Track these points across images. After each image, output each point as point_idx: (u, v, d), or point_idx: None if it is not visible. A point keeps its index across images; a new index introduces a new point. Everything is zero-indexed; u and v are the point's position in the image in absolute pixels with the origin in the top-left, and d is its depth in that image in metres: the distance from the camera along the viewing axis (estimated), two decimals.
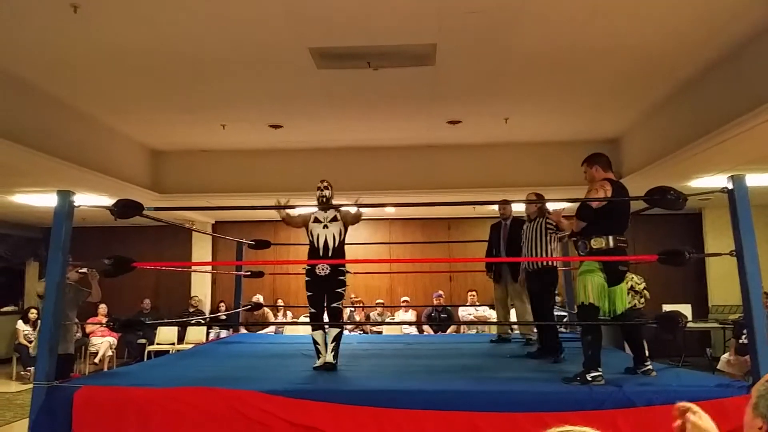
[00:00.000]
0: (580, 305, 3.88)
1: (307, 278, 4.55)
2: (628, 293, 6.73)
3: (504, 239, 5.79)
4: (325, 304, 4.55)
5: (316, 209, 4.70)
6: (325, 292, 4.51)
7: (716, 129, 5.67)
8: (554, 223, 5.06)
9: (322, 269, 4.46)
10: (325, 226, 4.57)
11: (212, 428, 3.37)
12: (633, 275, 7.82)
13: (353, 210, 4.62)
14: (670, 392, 3.38)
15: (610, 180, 3.96)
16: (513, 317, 6.46)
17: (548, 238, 5.12)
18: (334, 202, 4.75)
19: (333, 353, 4.40)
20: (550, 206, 4.94)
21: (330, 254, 4.49)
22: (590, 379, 3.63)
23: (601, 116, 7.40)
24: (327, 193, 4.69)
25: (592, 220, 3.84)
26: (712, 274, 10.45)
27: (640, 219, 8.20)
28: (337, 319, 4.54)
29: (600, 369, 3.68)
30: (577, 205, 4.01)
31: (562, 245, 6.42)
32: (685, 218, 10.51)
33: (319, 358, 4.43)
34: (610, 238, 3.80)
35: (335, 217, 4.60)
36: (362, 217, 4.72)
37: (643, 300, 7.85)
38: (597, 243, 3.81)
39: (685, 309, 8.91)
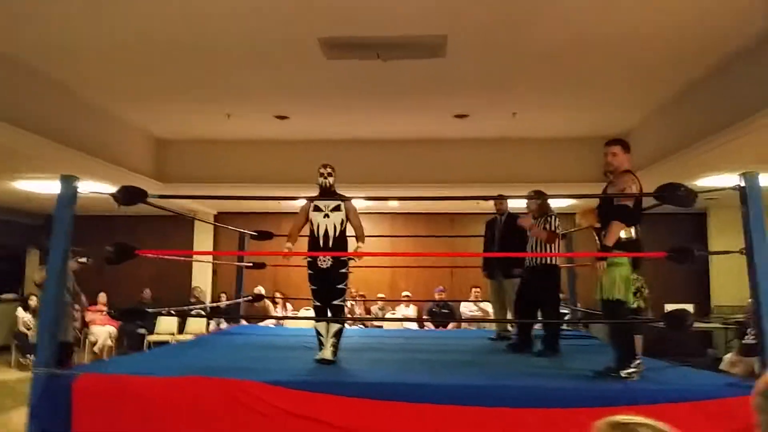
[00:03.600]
0: (607, 300, 3.77)
1: (309, 271, 4.45)
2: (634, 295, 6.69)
3: (498, 235, 5.74)
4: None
5: (315, 198, 4.51)
6: (327, 284, 4.40)
7: (727, 127, 5.61)
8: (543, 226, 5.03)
9: (323, 261, 4.34)
10: (326, 215, 4.41)
11: (213, 418, 3.34)
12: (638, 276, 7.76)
13: (357, 218, 4.48)
14: (677, 390, 3.34)
15: (631, 172, 3.92)
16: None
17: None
18: (338, 190, 4.62)
19: (332, 349, 4.32)
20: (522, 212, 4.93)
21: (330, 245, 4.35)
22: (625, 375, 3.59)
23: (609, 113, 7.35)
24: (330, 179, 4.53)
25: (633, 221, 3.78)
26: (716, 274, 10.40)
27: (644, 218, 8.15)
28: (338, 316, 4.45)
29: (633, 365, 3.63)
30: (586, 199, 3.96)
31: (566, 242, 6.40)
32: (689, 218, 10.45)
33: (321, 349, 4.37)
34: (635, 228, 3.77)
35: (338, 206, 4.44)
36: (366, 211, 4.61)
37: (642, 301, 7.80)
38: (627, 233, 3.75)
39: (688, 309, 8.84)
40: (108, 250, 4.09)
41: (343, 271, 4.42)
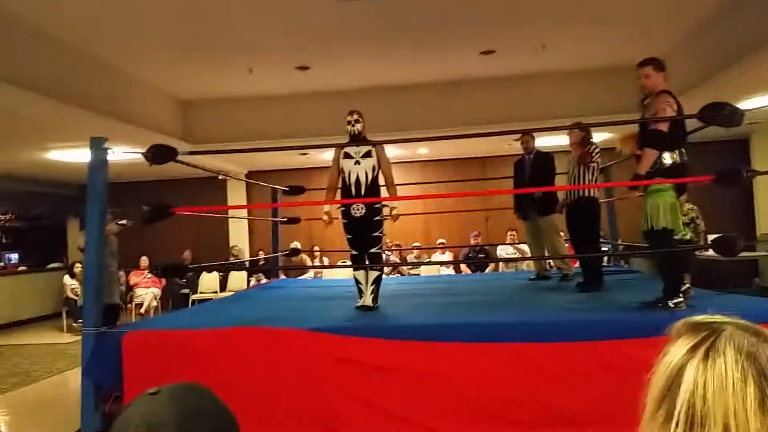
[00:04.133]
0: (650, 230, 3.63)
1: (343, 220, 4.40)
2: (687, 225, 6.48)
3: (528, 174, 5.61)
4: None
5: (345, 145, 4.43)
6: (363, 233, 4.35)
7: (766, 45, 5.29)
8: (593, 155, 4.89)
9: (357, 209, 4.26)
10: (357, 162, 4.33)
11: (260, 365, 3.39)
12: (693, 206, 7.47)
13: (387, 165, 4.41)
14: (732, 314, 3.25)
15: (669, 92, 3.72)
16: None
17: (591, 168, 4.97)
18: (368, 137, 4.53)
19: (372, 296, 4.31)
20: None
21: (363, 192, 4.28)
22: (672, 305, 3.52)
23: (641, 38, 7.00)
24: (359, 126, 4.42)
25: (673, 145, 3.60)
26: (761, 202, 10.08)
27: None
28: (376, 263, 4.41)
29: (681, 295, 3.55)
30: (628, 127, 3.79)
31: (604, 176, 6.22)
32: (731, 145, 10.06)
33: (361, 297, 4.36)
34: (679, 152, 3.61)
35: (369, 152, 4.35)
36: (396, 161, 4.53)
37: (694, 234, 7.56)
38: (671, 157, 3.59)
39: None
40: (144, 210, 4.11)
41: (378, 218, 4.36)
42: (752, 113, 6.21)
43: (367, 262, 4.40)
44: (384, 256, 10.05)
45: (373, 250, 4.38)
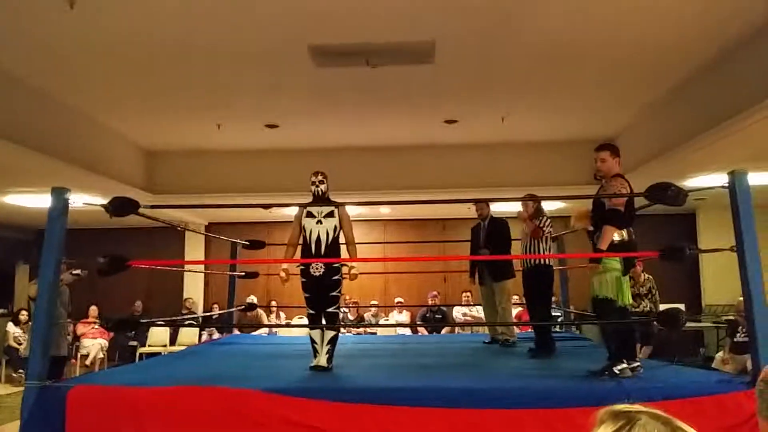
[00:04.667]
0: (596, 299, 3.86)
1: (302, 279, 4.41)
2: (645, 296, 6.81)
3: (483, 240, 5.79)
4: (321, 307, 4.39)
5: (308, 205, 4.51)
6: (321, 292, 4.37)
7: (714, 127, 5.68)
8: (542, 227, 5.13)
9: (316, 269, 4.29)
10: (319, 222, 4.39)
11: (210, 427, 3.32)
12: (650, 276, 7.82)
13: (349, 225, 4.49)
14: (670, 387, 3.37)
15: (622, 176, 3.97)
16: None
17: (544, 238, 5.18)
18: (331, 197, 4.61)
19: (327, 356, 4.29)
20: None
21: (323, 251, 4.32)
22: (618, 372, 3.63)
23: (597, 115, 7.41)
24: (323, 187, 4.51)
25: (625, 224, 3.82)
26: (706, 274, 10.48)
27: (635, 219, 8.21)
28: (332, 323, 4.40)
29: (625, 362, 3.67)
30: (580, 201, 3.99)
31: (557, 244, 6.45)
32: (679, 219, 10.53)
33: (316, 357, 4.34)
34: (625, 231, 3.81)
35: (331, 212, 4.43)
36: (358, 218, 4.63)
37: (652, 304, 7.83)
38: (620, 235, 3.80)
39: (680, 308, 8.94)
40: (101, 262, 4.06)
41: (337, 278, 4.38)
42: (698, 192, 6.60)
43: (323, 321, 4.40)
44: (341, 313, 10.08)
45: (330, 309, 4.39)
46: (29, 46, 5.16)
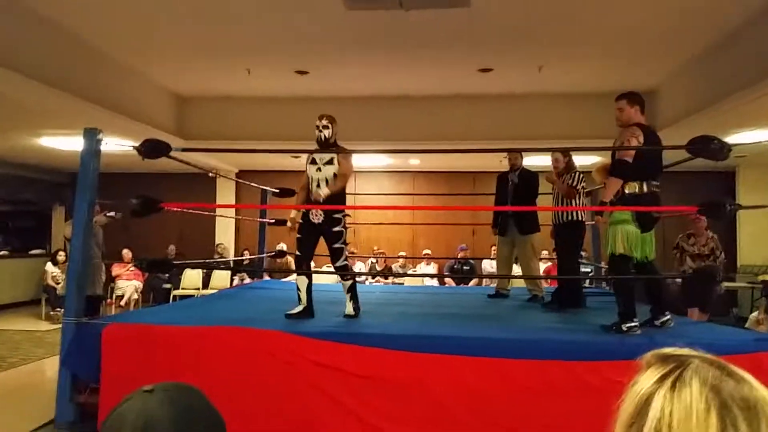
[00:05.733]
0: (610, 255, 3.82)
1: (300, 221, 4.32)
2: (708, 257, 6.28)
3: (511, 191, 5.66)
4: (331, 261, 4.27)
5: (313, 151, 4.38)
6: (317, 240, 4.28)
7: (759, 81, 5.41)
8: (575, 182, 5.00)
9: (316, 215, 4.18)
10: (319, 169, 4.25)
11: (239, 366, 3.40)
12: (713, 235, 6.89)
13: (346, 165, 4.28)
14: (704, 344, 3.28)
15: (639, 125, 3.81)
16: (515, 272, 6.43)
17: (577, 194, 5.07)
18: (344, 144, 4.47)
19: (353, 305, 4.29)
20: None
21: (321, 200, 4.16)
22: (626, 329, 3.59)
23: (637, 66, 7.12)
24: (326, 132, 4.32)
25: (631, 175, 3.70)
26: (743, 233, 10.24)
27: (671, 176, 7.96)
28: (345, 275, 4.35)
29: (635, 320, 3.64)
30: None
31: (590, 199, 6.31)
32: (718, 176, 10.21)
33: (299, 304, 4.26)
34: (644, 183, 3.69)
35: (331, 159, 4.24)
36: (387, 169, 4.52)
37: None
38: (630, 188, 3.70)
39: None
40: (133, 203, 4.11)
41: (338, 229, 4.24)
42: (739, 147, 6.34)
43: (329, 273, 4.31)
44: (369, 262, 10.15)
45: (338, 263, 4.28)
46: None
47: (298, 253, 4.33)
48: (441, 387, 3.23)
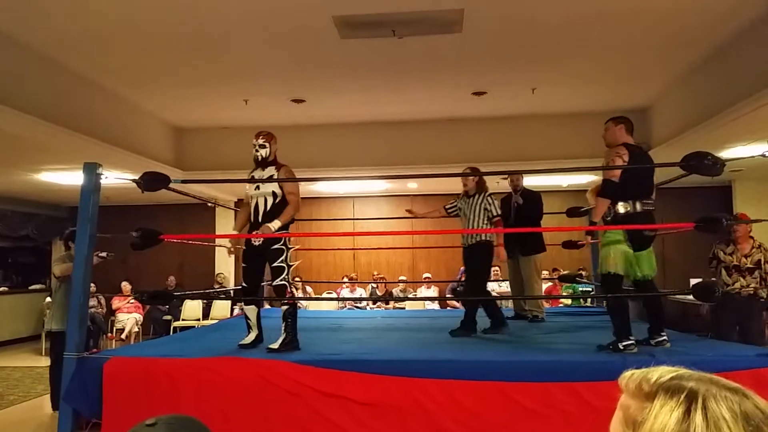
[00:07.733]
0: (604, 275, 3.83)
1: (243, 247, 4.22)
2: (747, 273, 5.41)
3: (514, 213, 5.70)
4: (269, 281, 4.12)
5: (251, 174, 4.24)
6: (262, 265, 4.16)
7: (753, 94, 5.47)
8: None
9: (255, 239, 4.03)
10: (257, 187, 4.08)
11: (242, 397, 3.38)
12: (763, 245, 5.74)
13: (290, 186, 4.09)
14: (706, 362, 3.30)
15: (626, 145, 3.86)
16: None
17: (484, 213, 4.96)
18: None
19: (284, 337, 3.92)
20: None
21: (260, 220, 4.02)
22: (622, 347, 3.58)
23: (630, 84, 7.21)
24: (263, 151, 4.13)
25: (619, 195, 3.75)
26: None
27: (668, 192, 8.02)
28: (281, 296, 4.08)
29: (631, 338, 3.63)
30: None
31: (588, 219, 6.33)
32: (714, 191, 10.25)
33: (249, 333, 4.18)
34: (636, 202, 3.72)
35: (271, 176, 4.09)
36: (386, 194, 4.46)
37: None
38: (623, 207, 3.73)
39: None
40: (134, 236, 4.12)
41: (277, 247, 4.04)
42: (734, 162, 6.38)
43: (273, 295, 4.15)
44: (370, 287, 10.12)
45: (276, 282, 4.05)
46: (60, 26, 5.21)
47: (244, 284, 4.17)
48: (444, 412, 3.21)
